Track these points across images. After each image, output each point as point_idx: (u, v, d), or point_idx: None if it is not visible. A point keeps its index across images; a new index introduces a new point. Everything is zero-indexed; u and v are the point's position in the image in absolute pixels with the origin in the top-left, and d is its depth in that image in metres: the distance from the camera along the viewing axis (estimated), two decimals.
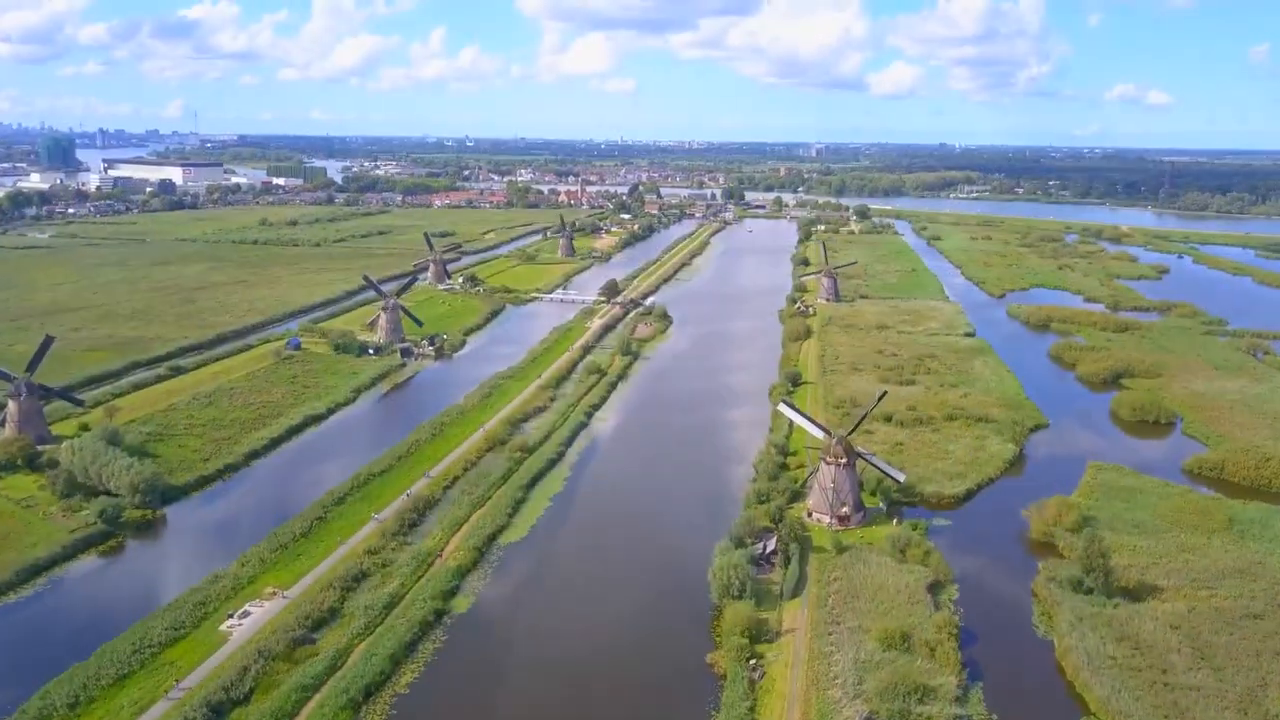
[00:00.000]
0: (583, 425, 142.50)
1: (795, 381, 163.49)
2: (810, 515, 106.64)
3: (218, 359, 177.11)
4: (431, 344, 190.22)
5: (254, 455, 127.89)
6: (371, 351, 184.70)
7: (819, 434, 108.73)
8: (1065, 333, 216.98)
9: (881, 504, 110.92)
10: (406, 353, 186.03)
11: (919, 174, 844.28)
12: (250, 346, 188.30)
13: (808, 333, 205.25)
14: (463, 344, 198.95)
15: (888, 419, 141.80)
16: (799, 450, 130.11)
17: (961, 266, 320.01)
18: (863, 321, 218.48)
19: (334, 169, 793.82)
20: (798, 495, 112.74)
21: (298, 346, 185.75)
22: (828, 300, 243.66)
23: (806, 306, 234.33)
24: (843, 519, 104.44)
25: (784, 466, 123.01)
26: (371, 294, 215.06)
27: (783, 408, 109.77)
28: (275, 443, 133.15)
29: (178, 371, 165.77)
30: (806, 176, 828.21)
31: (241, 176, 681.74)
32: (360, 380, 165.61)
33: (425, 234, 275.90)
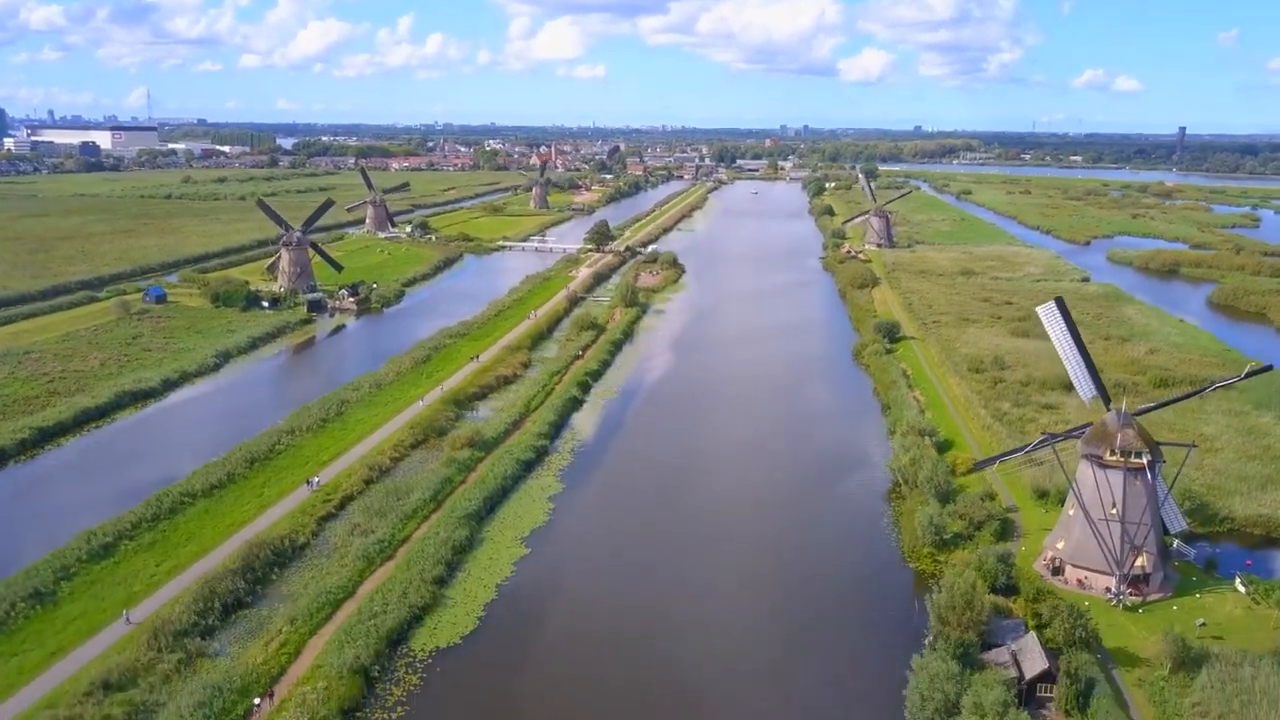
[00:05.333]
0: (575, 405, 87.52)
1: (891, 335, 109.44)
2: (1055, 571, 52.52)
3: (35, 315, 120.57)
4: (354, 294, 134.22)
5: None
6: (266, 305, 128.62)
7: (1087, 390, 53.87)
8: (1201, 279, 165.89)
9: (1177, 544, 56.86)
10: (317, 305, 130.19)
11: (917, 141, 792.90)
12: (96, 299, 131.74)
13: (874, 279, 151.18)
14: (399, 297, 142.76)
15: (1070, 390, 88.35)
16: (954, 438, 76.80)
17: (1016, 216, 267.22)
18: (937, 267, 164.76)
19: (288, 145, 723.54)
20: (1004, 526, 59.10)
21: (160, 298, 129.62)
22: (879, 246, 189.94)
23: (856, 252, 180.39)
24: (1136, 582, 50.38)
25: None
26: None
27: (1048, 317, 54.43)
28: (48, 436, 77.14)
29: None
30: (795, 147, 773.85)
31: (180, 144, 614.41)
32: (235, 340, 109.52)
33: (362, 168, 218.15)
